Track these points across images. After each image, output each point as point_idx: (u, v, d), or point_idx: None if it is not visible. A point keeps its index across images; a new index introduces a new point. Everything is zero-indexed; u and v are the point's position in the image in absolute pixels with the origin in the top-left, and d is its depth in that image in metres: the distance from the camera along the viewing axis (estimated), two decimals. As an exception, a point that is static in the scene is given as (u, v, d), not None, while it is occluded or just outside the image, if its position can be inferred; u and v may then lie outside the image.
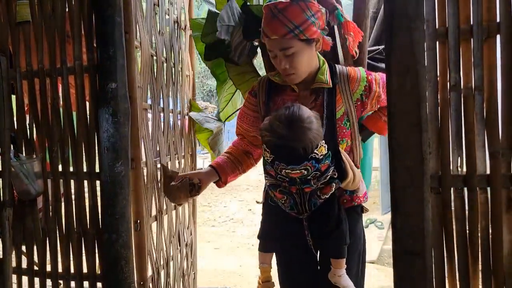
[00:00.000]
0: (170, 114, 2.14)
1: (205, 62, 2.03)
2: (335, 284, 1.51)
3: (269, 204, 1.58)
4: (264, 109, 1.58)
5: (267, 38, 1.43)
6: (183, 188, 1.60)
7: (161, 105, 2.02)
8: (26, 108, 1.87)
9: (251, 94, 1.64)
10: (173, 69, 2.19)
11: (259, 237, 1.63)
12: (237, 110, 2.23)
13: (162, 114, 2.03)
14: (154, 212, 1.92)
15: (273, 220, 1.59)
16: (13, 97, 1.85)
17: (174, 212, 2.19)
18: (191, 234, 2.48)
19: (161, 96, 2.02)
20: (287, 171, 1.34)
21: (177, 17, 2.25)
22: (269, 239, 1.62)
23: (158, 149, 1.96)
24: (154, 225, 1.91)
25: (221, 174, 1.66)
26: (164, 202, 2.02)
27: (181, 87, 2.32)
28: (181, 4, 2.34)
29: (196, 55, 2.53)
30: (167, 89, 2.10)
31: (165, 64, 2.08)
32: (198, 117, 2.20)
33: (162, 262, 1.99)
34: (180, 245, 2.26)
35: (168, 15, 2.14)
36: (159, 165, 2.05)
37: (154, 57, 1.95)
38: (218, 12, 1.84)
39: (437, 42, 1.12)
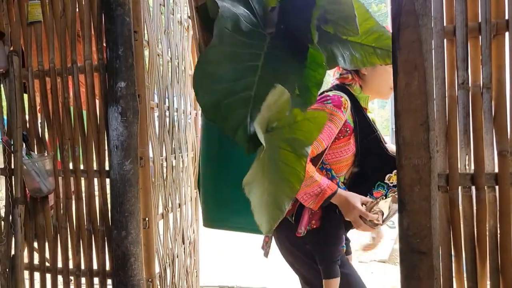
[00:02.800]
0: (175, 113, 2.15)
1: None
2: None
3: (334, 223, 1.59)
4: (356, 130, 1.57)
5: None
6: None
7: (167, 103, 2.04)
8: (38, 107, 1.90)
9: (342, 112, 1.53)
10: (177, 68, 2.20)
11: (334, 261, 1.59)
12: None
13: (167, 113, 2.05)
14: (159, 210, 1.94)
15: (342, 237, 1.64)
16: (25, 96, 1.88)
17: (178, 210, 2.20)
18: (193, 232, 2.50)
19: (167, 95, 2.04)
20: None
21: (180, 16, 2.27)
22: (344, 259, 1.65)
23: (164, 147, 1.98)
24: (159, 223, 1.93)
25: None
26: (170, 200, 2.04)
27: (185, 86, 2.34)
28: (184, 3, 2.35)
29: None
30: (172, 88, 2.12)
31: (170, 63, 2.09)
32: None
33: (168, 260, 2.01)
34: (184, 243, 2.28)
35: (173, 14, 2.16)
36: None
37: (160, 56, 1.97)
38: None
39: (445, 40, 1.11)
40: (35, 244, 1.92)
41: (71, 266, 1.84)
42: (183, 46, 2.29)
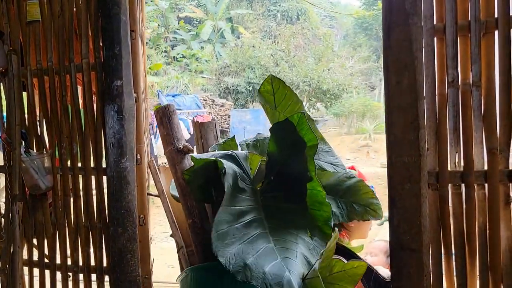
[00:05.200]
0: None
1: None
2: None
3: None
4: None
5: None
6: None
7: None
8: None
9: None
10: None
11: None
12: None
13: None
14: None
15: None
16: (24, 94, 1.90)
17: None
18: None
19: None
20: None
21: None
22: None
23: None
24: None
25: None
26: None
27: None
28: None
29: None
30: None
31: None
32: None
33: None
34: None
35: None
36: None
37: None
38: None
39: (435, 38, 1.11)
40: (34, 241, 1.94)
41: (69, 262, 1.86)
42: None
